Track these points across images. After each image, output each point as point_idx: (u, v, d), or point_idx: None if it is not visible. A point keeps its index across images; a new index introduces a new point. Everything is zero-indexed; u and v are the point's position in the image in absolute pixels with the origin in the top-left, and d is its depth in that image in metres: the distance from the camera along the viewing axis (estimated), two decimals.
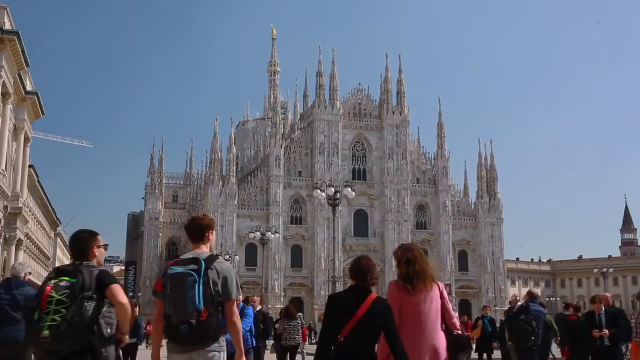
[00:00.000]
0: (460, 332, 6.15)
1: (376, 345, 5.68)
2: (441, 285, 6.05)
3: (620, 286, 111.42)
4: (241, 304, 9.57)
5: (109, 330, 5.06)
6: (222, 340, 5.16)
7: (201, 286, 4.94)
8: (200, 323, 4.88)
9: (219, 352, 5.09)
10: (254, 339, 10.25)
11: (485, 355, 19.32)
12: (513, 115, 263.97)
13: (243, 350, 5.27)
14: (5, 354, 8.04)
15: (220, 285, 5.09)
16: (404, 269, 6.04)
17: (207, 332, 4.97)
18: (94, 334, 4.90)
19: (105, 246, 5.86)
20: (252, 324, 10.65)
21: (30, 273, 9.01)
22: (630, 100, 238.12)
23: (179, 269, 5.07)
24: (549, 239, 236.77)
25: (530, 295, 14.64)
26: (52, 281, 4.97)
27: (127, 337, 5.42)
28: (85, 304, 4.89)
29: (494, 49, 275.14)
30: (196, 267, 5.04)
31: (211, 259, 5.16)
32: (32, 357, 8.12)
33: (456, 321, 6.15)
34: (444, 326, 5.88)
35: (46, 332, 4.73)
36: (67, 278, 4.98)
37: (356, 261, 6.05)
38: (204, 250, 5.32)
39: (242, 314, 9.27)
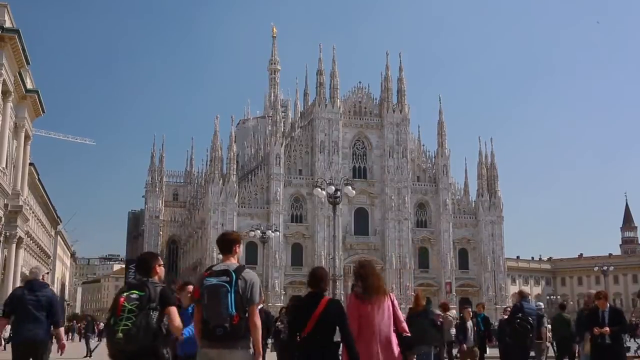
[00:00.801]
0: (409, 334, 7.17)
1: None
2: (392, 295, 7.14)
3: (620, 284, 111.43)
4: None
5: (167, 335, 6.17)
6: (250, 339, 5.96)
7: (233, 295, 5.82)
8: (233, 326, 5.76)
9: (247, 349, 5.93)
10: None
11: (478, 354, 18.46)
12: (513, 114, 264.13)
13: (259, 348, 6.04)
14: (28, 349, 8.99)
15: (248, 292, 5.96)
16: (359, 284, 7.09)
17: (239, 334, 5.84)
18: (157, 337, 6.02)
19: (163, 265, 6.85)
20: None
21: (48, 273, 9.82)
22: (630, 99, 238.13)
23: (213, 281, 5.92)
24: (549, 237, 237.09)
25: (522, 295, 15.06)
26: (125, 293, 6.08)
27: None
28: (151, 313, 6.02)
29: (495, 48, 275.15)
30: (228, 278, 5.89)
31: (239, 270, 6.02)
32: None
33: (405, 325, 7.17)
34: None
35: (120, 335, 5.85)
36: (136, 291, 6.09)
37: (312, 272, 7.14)
38: (233, 262, 6.19)
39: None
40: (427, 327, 13.88)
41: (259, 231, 50.38)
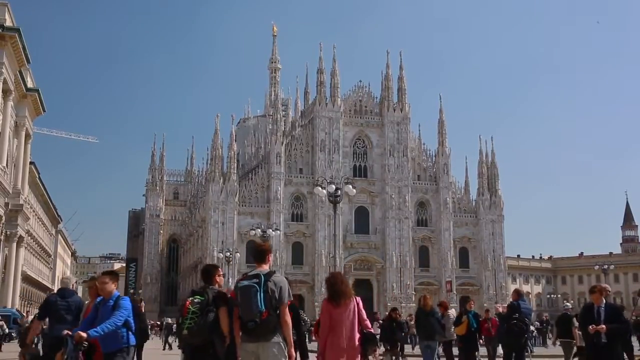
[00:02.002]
0: (371, 330, 8.33)
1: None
2: (357, 299, 8.21)
3: (621, 283, 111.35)
4: (116, 293, 8.28)
5: (222, 332, 7.25)
6: (280, 333, 6.98)
7: (262, 294, 6.88)
8: (263, 321, 6.82)
9: (277, 342, 6.94)
10: (132, 336, 8.42)
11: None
12: (514, 113, 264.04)
13: (290, 341, 7.07)
14: (58, 346, 9.76)
15: (277, 293, 6.99)
16: (329, 290, 8.20)
17: (268, 327, 6.89)
18: (214, 333, 7.19)
19: (223, 275, 8.21)
20: (130, 317, 8.44)
21: (77, 282, 10.81)
22: (631, 98, 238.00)
23: (245, 282, 7.06)
24: (550, 236, 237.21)
25: (518, 294, 15.21)
26: (190, 298, 7.46)
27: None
28: (210, 314, 7.24)
29: (495, 47, 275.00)
30: (258, 280, 6.98)
31: (269, 274, 7.12)
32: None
33: (368, 323, 8.26)
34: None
35: (185, 331, 7.21)
36: (199, 297, 7.44)
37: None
38: (265, 268, 7.27)
39: (115, 306, 8.15)
40: (434, 325, 15.54)
41: (259, 230, 50.35)
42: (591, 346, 10.85)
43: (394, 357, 18.70)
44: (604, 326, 10.44)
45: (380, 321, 25.30)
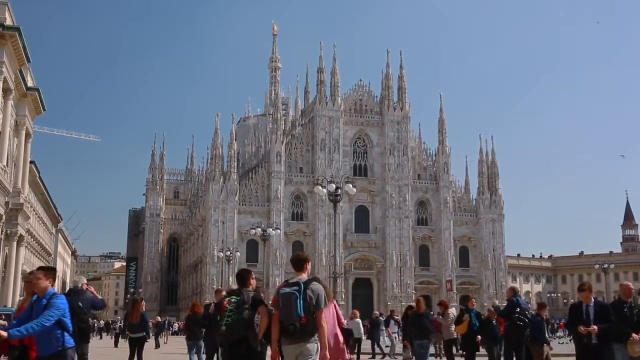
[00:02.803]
0: (345, 327, 9.07)
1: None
2: (334, 302, 9.06)
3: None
4: (50, 290, 7.62)
5: (257, 329, 8.04)
6: (317, 336, 7.56)
7: (301, 301, 7.45)
8: (302, 325, 7.42)
9: (315, 343, 7.55)
10: (68, 337, 7.66)
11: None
12: (514, 112, 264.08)
13: (324, 343, 7.55)
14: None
15: (314, 299, 7.53)
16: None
17: (307, 331, 7.49)
18: (249, 330, 8.00)
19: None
20: (65, 317, 7.74)
21: (86, 284, 12.40)
22: (631, 96, 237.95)
23: (287, 290, 7.60)
24: (550, 235, 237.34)
25: (514, 291, 15.58)
26: (227, 298, 8.29)
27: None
28: (245, 312, 8.01)
29: (496, 46, 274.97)
30: (298, 288, 7.54)
31: (308, 282, 7.66)
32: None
33: (343, 321, 9.03)
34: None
35: (223, 327, 8.01)
36: (235, 297, 8.21)
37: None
38: (303, 277, 7.82)
39: (47, 305, 7.43)
40: (428, 326, 16.54)
41: (259, 229, 50.36)
42: (581, 347, 10.27)
43: (412, 355, 18.50)
44: (595, 327, 9.90)
45: (398, 319, 25.33)
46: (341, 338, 8.73)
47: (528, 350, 14.42)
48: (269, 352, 8.01)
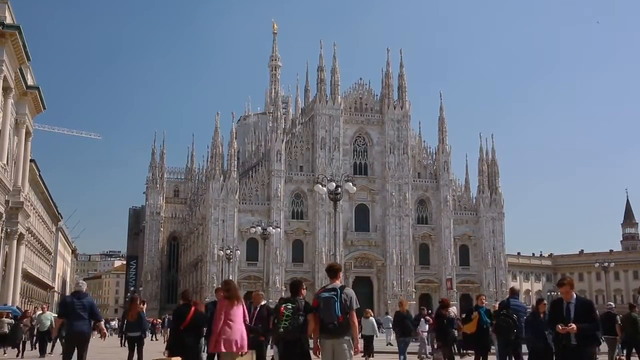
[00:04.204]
0: (249, 324, 11.29)
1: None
2: (242, 301, 10.94)
3: (621, 281, 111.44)
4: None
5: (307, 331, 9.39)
6: (349, 333, 8.98)
7: (339, 303, 8.90)
8: (340, 324, 8.86)
9: (348, 339, 8.95)
10: None
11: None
12: (514, 110, 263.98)
13: (357, 338, 9.17)
14: (78, 339, 12.84)
15: (348, 302, 8.98)
16: (227, 293, 10.83)
17: (343, 328, 8.90)
18: (302, 332, 9.33)
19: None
20: None
21: (88, 288, 13.88)
22: (632, 95, 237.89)
23: (326, 294, 9.06)
24: (550, 233, 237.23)
25: (512, 292, 16.06)
26: (283, 305, 9.61)
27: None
28: (300, 317, 9.35)
29: (496, 45, 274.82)
30: (335, 293, 9.00)
31: (342, 288, 9.13)
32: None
33: (247, 319, 10.87)
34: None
35: (281, 330, 9.37)
36: (291, 304, 9.54)
37: (183, 292, 12.63)
38: (338, 283, 9.26)
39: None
40: (408, 325, 19.73)
41: (259, 228, 50.36)
42: (560, 348, 9.40)
43: (442, 354, 18.12)
44: (574, 326, 9.00)
45: (429, 318, 25.04)
46: (245, 333, 10.68)
47: (516, 350, 14.66)
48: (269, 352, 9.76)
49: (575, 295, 9.39)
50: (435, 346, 19.13)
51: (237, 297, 10.77)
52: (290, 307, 9.49)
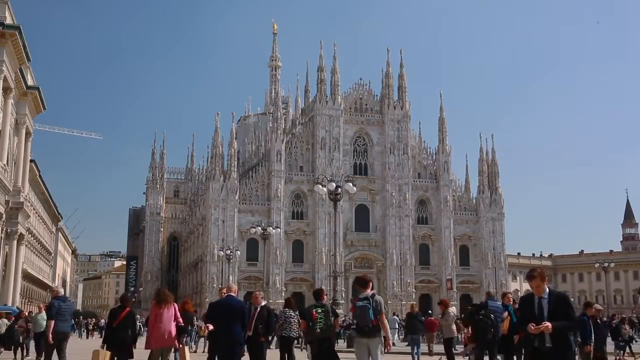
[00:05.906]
0: (182, 324, 12.48)
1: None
2: (175, 305, 12.35)
3: (621, 281, 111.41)
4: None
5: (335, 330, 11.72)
6: (381, 333, 10.41)
7: (371, 309, 10.36)
8: (373, 326, 10.35)
9: (380, 337, 10.39)
10: None
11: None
12: (514, 110, 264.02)
13: (388, 336, 10.72)
14: (62, 338, 15.01)
15: (378, 308, 10.45)
16: (156, 297, 12.25)
17: (376, 329, 10.38)
18: (332, 331, 11.71)
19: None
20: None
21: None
22: (632, 95, 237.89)
23: (361, 303, 10.48)
24: (550, 233, 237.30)
25: (488, 295, 16.68)
26: (314, 309, 12.05)
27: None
28: (330, 319, 11.92)
29: (496, 45, 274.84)
30: (368, 301, 10.45)
31: (373, 296, 10.58)
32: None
33: (180, 320, 12.32)
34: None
35: (318, 330, 11.86)
36: (320, 308, 12.11)
37: (122, 296, 13.98)
38: (369, 292, 10.65)
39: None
40: (417, 324, 22.61)
41: (259, 228, 50.40)
42: (530, 352, 8.00)
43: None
44: (548, 324, 7.56)
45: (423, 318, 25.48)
46: (174, 332, 11.95)
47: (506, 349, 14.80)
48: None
49: (548, 290, 7.95)
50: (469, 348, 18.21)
51: (167, 301, 12.09)
52: (320, 310, 12.06)
